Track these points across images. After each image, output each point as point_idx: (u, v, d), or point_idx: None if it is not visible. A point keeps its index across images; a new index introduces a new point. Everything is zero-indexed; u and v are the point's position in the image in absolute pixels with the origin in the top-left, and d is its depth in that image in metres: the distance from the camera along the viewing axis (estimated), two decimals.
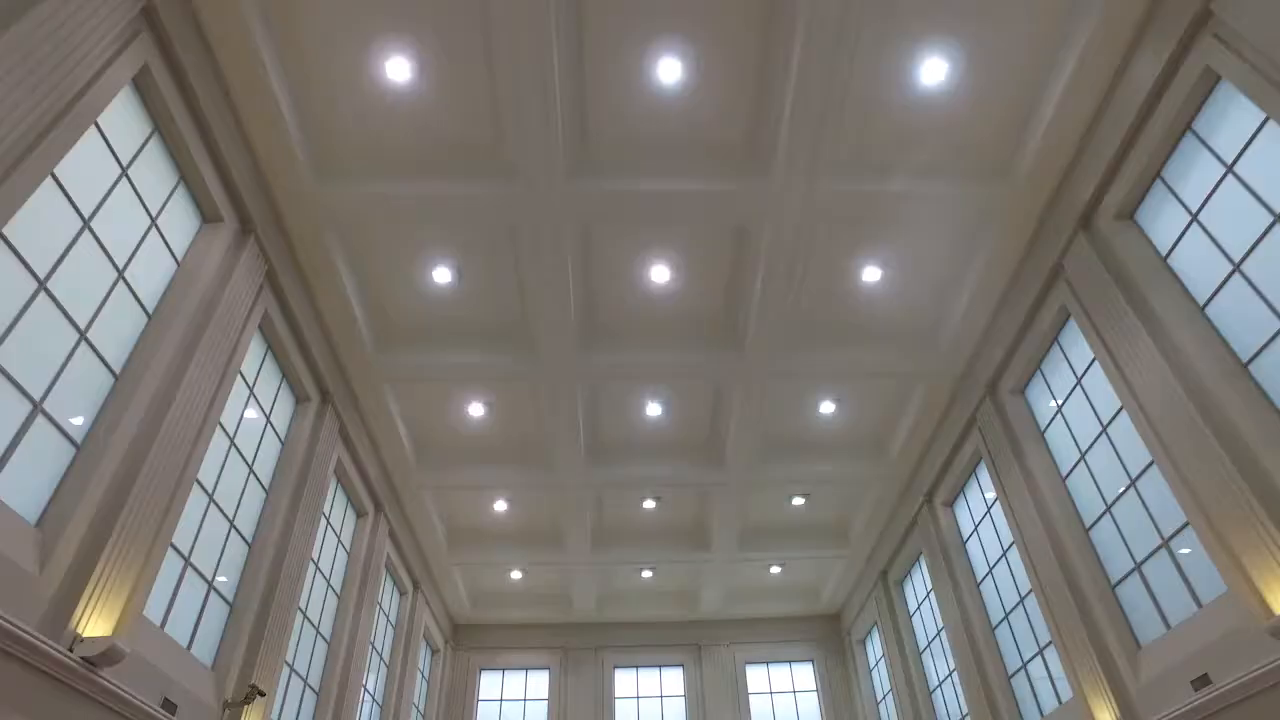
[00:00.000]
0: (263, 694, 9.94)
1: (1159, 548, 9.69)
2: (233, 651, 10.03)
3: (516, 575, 20.58)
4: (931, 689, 17.16)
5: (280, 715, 11.82)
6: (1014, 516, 12.75)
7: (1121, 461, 10.40)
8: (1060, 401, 11.85)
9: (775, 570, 20.72)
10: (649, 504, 17.83)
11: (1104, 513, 10.83)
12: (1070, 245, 10.70)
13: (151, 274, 8.56)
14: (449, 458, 16.12)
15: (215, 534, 10.03)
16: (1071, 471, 11.61)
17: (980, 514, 14.65)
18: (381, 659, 16.92)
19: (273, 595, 10.90)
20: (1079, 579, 11.19)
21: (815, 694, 22.16)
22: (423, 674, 20.24)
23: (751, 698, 21.92)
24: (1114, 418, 10.51)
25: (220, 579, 10.13)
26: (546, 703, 21.88)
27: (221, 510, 10.14)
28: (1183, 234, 9.09)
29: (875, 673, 20.70)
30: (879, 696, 20.41)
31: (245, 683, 10.01)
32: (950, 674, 16.13)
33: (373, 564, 15.43)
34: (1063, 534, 11.57)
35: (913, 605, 18.24)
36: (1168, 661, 9.36)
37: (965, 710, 15.37)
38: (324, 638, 13.65)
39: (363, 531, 15.44)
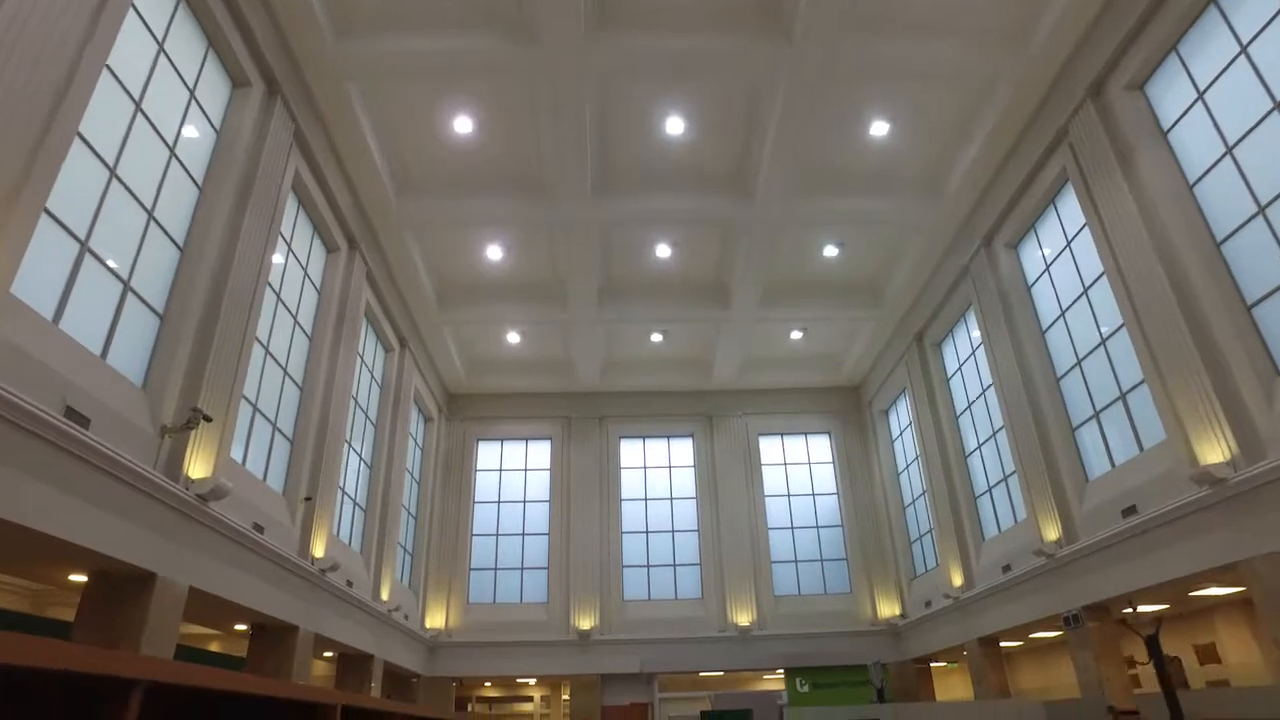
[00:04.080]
0: (209, 419, 8.16)
1: None
2: (167, 371, 8.12)
3: (514, 339, 18.78)
4: (968, 452, 15.88)
5: (246, 456, 10.22)
6: (1109, 243, 10.62)
7: None
8: (1204, 86, 9.32)
9: (796, 335, 18.98)
10: (663, 250, 15.64)
11: (1253, 216, 8.64)
12: None
13: None
14: (433, 185, 13.68)
15: (128, 224, 7.79)
16: (1206, 174, 9.31)
17: (1056, 250, 12.51)
18: (368, 418, 15.40)
19: (217, 314, 8.88)
20: (1199, 303, 9.20)
21: (831, 465, 21.20)
22: (416, 441, 18.97)
23: (765, 469, 20.94)
24: None
25: (141, 282, 8.02)
26: (548, 473, 20.89)
27: (131, 191, 7.83)
28: None
29: (898, 444, 19.55)
30: (900, 468, 19.39)
31: (187, 407, 8.19)
32: (994, 435, 14.72)
33: (349, 308, 13.41)
34: (1183, 252, 9.45)
35: (952, 367, 16.62)
36: None
37: (1010, 469, 14.06)
38: (295, 381, 11.87)
39: (334, 269, 13.29)
